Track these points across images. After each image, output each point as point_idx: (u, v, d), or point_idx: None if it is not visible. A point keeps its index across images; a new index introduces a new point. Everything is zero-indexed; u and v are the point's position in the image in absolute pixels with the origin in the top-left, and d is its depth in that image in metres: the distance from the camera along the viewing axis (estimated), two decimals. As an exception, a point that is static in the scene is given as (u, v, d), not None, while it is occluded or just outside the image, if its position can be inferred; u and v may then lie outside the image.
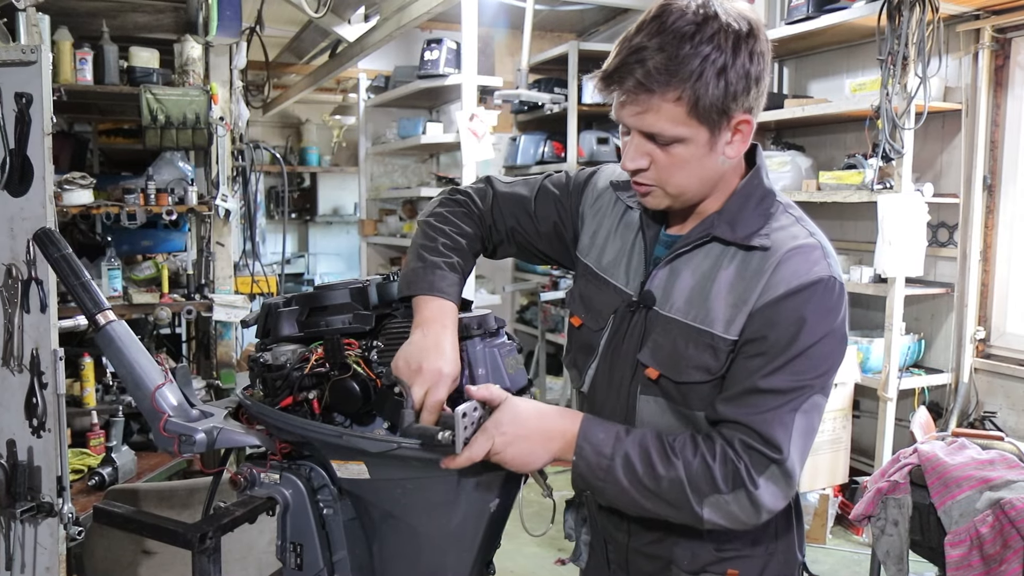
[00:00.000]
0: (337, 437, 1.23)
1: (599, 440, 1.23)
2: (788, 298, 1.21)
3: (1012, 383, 3.90)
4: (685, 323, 1.29)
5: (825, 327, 1.22)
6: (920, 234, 3.77)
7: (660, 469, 1.20)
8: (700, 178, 1.28)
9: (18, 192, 2.16)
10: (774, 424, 1.19)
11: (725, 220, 1.30)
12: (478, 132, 4.75)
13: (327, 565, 1.31)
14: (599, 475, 1.23)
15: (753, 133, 1.28)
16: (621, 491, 1.23)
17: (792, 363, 1.21)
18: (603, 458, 1.22)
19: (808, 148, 4.71)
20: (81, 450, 3.08)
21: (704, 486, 1.19)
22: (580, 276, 1.48)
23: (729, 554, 1.37)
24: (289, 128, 8.64)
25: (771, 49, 1.25)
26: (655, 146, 1.24)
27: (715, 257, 1.30)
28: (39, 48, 2.15)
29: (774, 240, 1.27)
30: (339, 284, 1.40)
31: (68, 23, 3.41)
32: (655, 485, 1.20)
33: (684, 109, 1.19)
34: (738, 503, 1.19)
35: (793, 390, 1.21)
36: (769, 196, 1.33)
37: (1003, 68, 3.93)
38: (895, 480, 2.78)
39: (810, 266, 1.23)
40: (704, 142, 1.23)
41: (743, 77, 1.20)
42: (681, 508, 1.21)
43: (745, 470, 1.19)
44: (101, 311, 1.37)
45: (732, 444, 1.20)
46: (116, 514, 1.33)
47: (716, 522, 1.21)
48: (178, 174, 3.77)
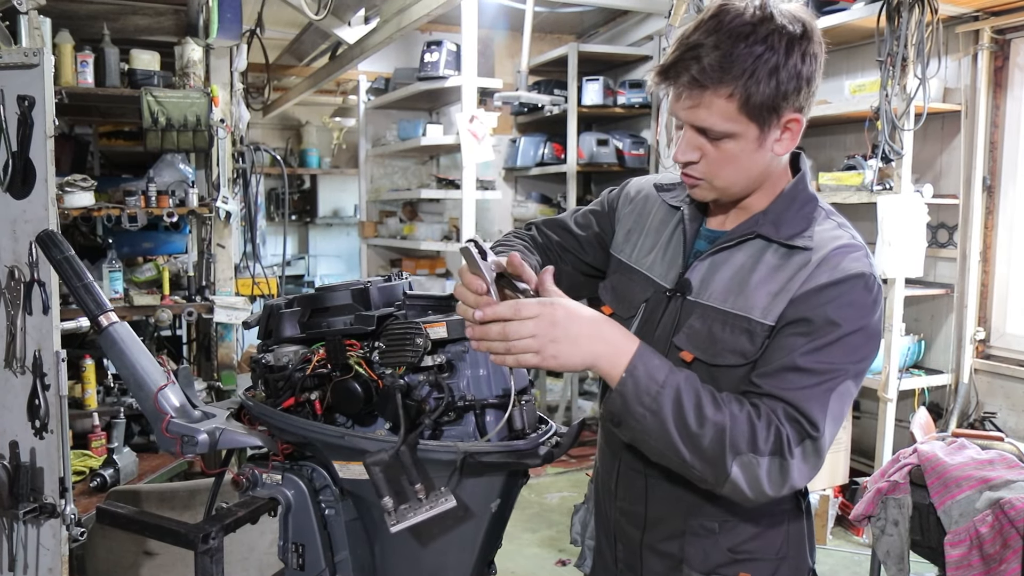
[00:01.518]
0: (339, 438, 1.23)
1: (654, 365, 1.19)
2: (831, 287, 1.24)
3: (1012, 384, 3.90)
4: (723, 309, 1.32)
5: (863, 320, 1.25)
6: (920, 235, 3.78)
7: (708, 412, 1.17)
8: (747, 174, 1.32)
9: (21, 194, 2.17)
10: (811, 401, 1.20)
11: (770, 220, 1.34)
12: (478, 134, 4.76)
13: (329, 565, 1.32)
14: (644, 400, 1.17)
15: (802, 132, 1.31)
16: (659, 424, 1.17)
17: (830, 347, 1.22)
18: (654, 383, 1.17)
19: (808, 149, 4.71)
20: (83, 451, 3.09)
21: (743, 443, 1.17)
22: (613, 271, 1.53)
23: (742, 556, 1.38)
24: (289, 130, 8.65)
25: (824, 51, 1.28)
26: (706, 140, 1.28)
27: (757, 251, 1.34)
28: (41, 51, 2.16)
29: (817, 241, 1.30)
30: (340, 285, 1.41)
31: (69, 26, 3.42)
32: (698, 427, 1.16)
33: (735, 105, 1.22)
34: (769, 469, 1.17)
35: (828, 371, 1.22)
36: (812, 201, 1.37)
37: (1002, 69, 3.93)
38: (895, 480, 2.79)
39: (853, 262, 1.27)
40: (754, 138, 1.26)
41: (794, 77, 1.23)
42: (712, 459, 1.17)
43: (786, 438, 1.18)
44: (103, 313, 1.37)
45: (775, 412, 1.20)
46: (119, 515, 1.33)
47: (737, 485, 1.17)
48: (179, 176, 3.77)
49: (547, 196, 6.65)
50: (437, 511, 1.18)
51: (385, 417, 1.25)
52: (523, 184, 6.88)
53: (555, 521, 4.30)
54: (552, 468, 4.93)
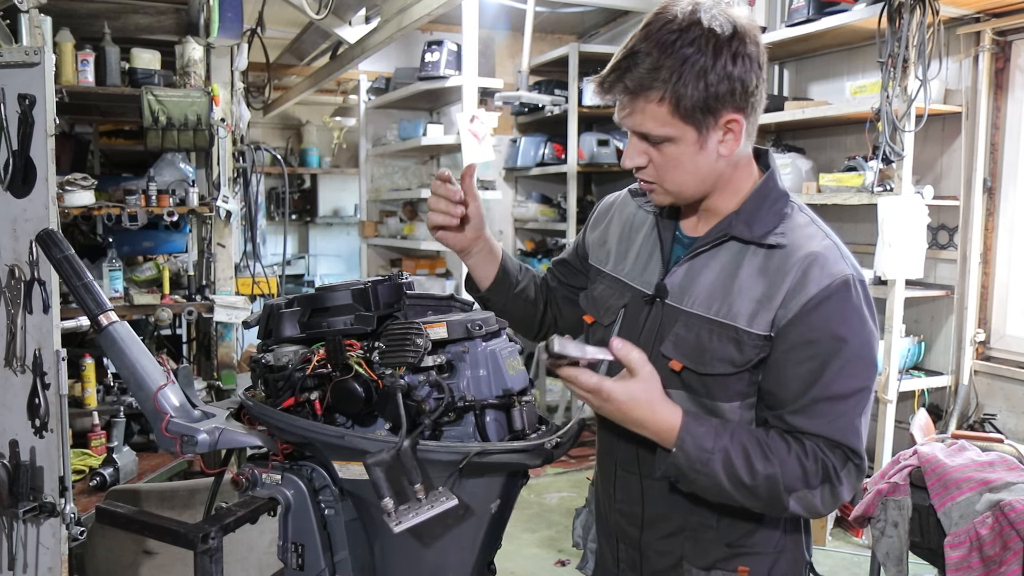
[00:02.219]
0: (339, 438, 1.23)
1: (700, 434, 1.26)
2: (825, 302, 1.27)
3: (1012, 385, 3.90)
4: (708, 317, 1.34)
5: (865, 327, 1.29)
6: (920, 236, 3.77)
7: (758, 466, 1.25)
8: (696, 176, 1.34)
9: (21, 193, 2.17)
10: (849, 432, 1.28)
11: (742, 220, 1.36)
12: (478, 134, 4.76)
13: (328, 565, 1.32)
14: (697, 467, 1.25)
15: (747, 133, 1.32)
16: (715, 483, 1.26)
17: (849, 365, 1.27)
18: (704, 452, 1.25)
19: (808, 150, 4.71)
20: (82, 451, 3.08)
21: (796, 483, 1.26)
22: (592, 280, 1.57)
23: (741, 551, 1.41)
24: (290, 129, 8.65)
25: (763, 51, 1.30)
26: (649, 145, 1.32)
27: (734, 255, 1.35)
28: (42, 50, 2.16)
29: (791, 239, 1.33)
30: (340, 285, 1.41)
31: (70, 25, 3.42)
32: (751, 480, 1.25)
33: (667, 109, 1.26)
34: (822, 497, 1.27)
35: (856, 392, 1.28)
36: (783, 197, 1.40)
37: (1003, 71, 3.93)
38: (895, 482, 2.79)
39: (835, 266, 1.30)
40: (693, 141, 1.29)
41: (725, 78, 1.25)
42: (769, 502, 1.27)
43: (832, 467, 1.26)
44: (103, 312, 1.37)
45: (819, 446, 1.28)
46: (119, 514, 1.33)
47: (796, 512, 1.28)
48: (179, 175, 3.77)
49: (547, 196, 6.65)
50: (438, 511, 1.18)
51: (385, 417, 1.25)
52: (523, 184, 6.88)
53: (555, 521, 4.30)
54: (552, 468, 4.93)
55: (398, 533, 1.18)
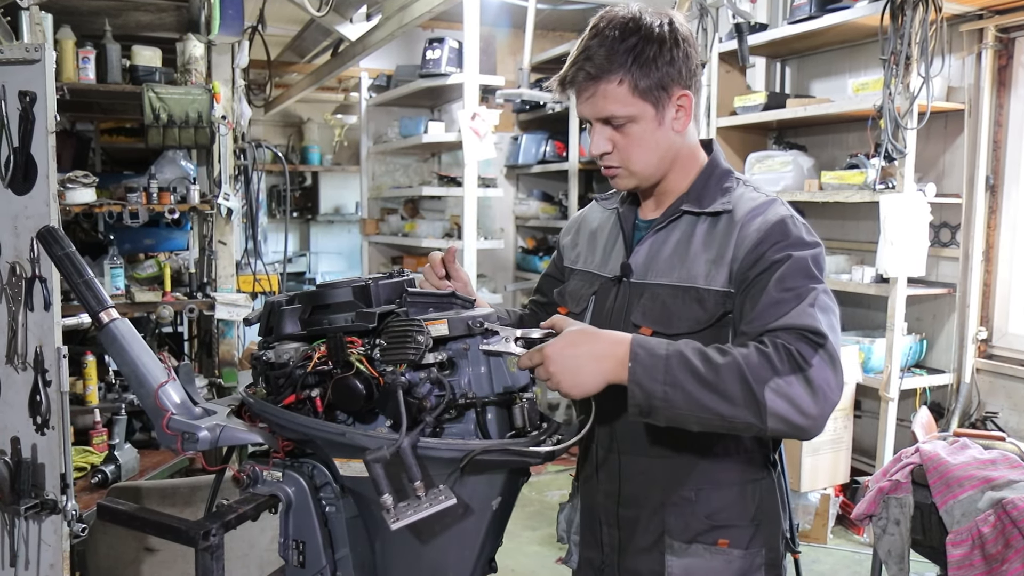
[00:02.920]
0: (340, 435, 1.23)
1: (652, 344, 1.27)
2: (763, 240, 1.40)
3: (1014, 383, 3.90)
4: (670, 284, 1.47)
5: (803, 245, 1.39)
6: (922, 234, 3.77)
7: (716, 358, 1.25)
8: (657, 153, 1.48)
9: (22, 190, 2.16)
10: (803, 316, 1.29)
11: (692, 197, 1.51)
12: (480, 131, 4.76)
13: (329, 563, 1.32)
14: (657, 376, 1.24)
15: (694, 108, 1.48)
16: (681, 392, 1.23)
17: (790, 275, 1.34)
18: (658, 358, 1.25)
19: (810, 148, 4.71)
20: (84, 448, 3.09)
21: (763, 371, 1.23)
22: (566, 279, 1.70)
23: (720, 523, 1.48)
24: (291, 127, 8.65)
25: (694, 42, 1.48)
26: (612, 130, 1.46)
27: (688, 226, 1.50)
28: (43, 47, 2.15)
29: (735, 204, 1.47)
30: (341, 282, 1.41)
31: (71, 22, 3.42)
32: (713, 376, 1.23)
33: (627, 89, 1.42)
34: (798, 384, 1.23)
35: (799, 291, 1.32)
36: (727, 174, 1.54)
37: (1006, 68, 3.92)
38: (897, 479, 2.78)
39: (770, 212, 1.43)
40: (652, 117, 1.44)
41: (674, 59, 1.43)
42: (742, 398, 1.23)
43: (797, 352, 1.25)
44: (104, 309, 1.37)
45: (777, 337, 1.27)
46: (120, 511, 1.33)
47: (778, 411, 1.23)
48: (180, 173, 3.77)
49: (549, 194, 6.65)
50: (436, 509, 1.18)
51: (386, 414, 1.25)
52: (525, 182, 6.88)
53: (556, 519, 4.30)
54: (553, 466, 4.93)
55: (398, 530, 1.18)
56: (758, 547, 1.50)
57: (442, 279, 1.65)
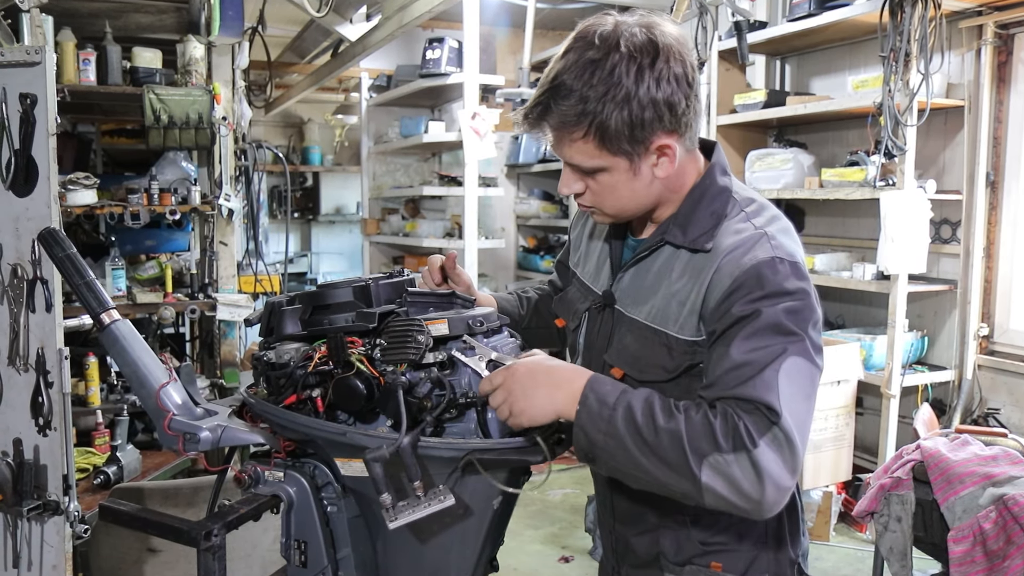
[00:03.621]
0: (341, 435, 1.24)
1: (605, 391, 1.19)
2: (736, 290, 1.22)
3: (1015, 380, 3.90)
4: (644, 323, 1.35)
5: (779, 296, 1.21)
6: (923, 231, 3.77)
7: (660, 420, 1.15)
8: (634, 199, 1.33)
9: (23, 192, 2.17)
10: (757, 386, 1.15)
11: (678, 224, 1.34)
12: (480, 131, 4.76)
13: (331, 562, 1.32)
14: (600, 426, 1.17)
15: (684, 149, 1.30)
16: (620, 446, 1.16)
17: (756, 335, 1.19)
18: (605, 407, 1.17)
19: (810, 145, 4.71)
20: (86, 449, 3.09)
21: (704, 444, 1.13)
22: (569, 280, 1.62)
23: (714, 547, 1.40)
24: (291, 127, 8.65)
25: (691, 65, 1.26)
26: (583, 174, 1.31)
27: (667, 259, 1.35)
28: (43, 49, 2.16)
29: (718, 242, 1.29)
30: (342, 283, 1.41)
31: (71, 24, 3.42)
32: (654, 438, 1.14)
33: (594, 144, 1.25)
34: (739, 464, 1.12)
35: (763, 355, 1.17)
36: (723, 194, 1.35)
37: (1006, 64, 3.92)
38: (898, 476, 2.78)
39: (750, 255, 1.24)
40: (625, 169, 1.28)
41: (649, 104, 1.22)
42: (679, 469, 1.13)
43: (744, 428, 1.12)
44: (106, 310, 1.37)
45: (728, 408, 1.16)
46: (122, 512, 1.34)
47: (715, 489, 1.12)
48: (181, 174, 3.77)
49: (549, 193, 6.65)
50: (434, 509, 1.18)
51: (387, 414, 1.25)
52: (525, 181, 6.88)
53: (558, 518, 4.30)
54: (555, 465, 4.92)
55: (399, 529, 1.19)
56: (759, 572, 1.41)
57: (439, 284, 1.59)
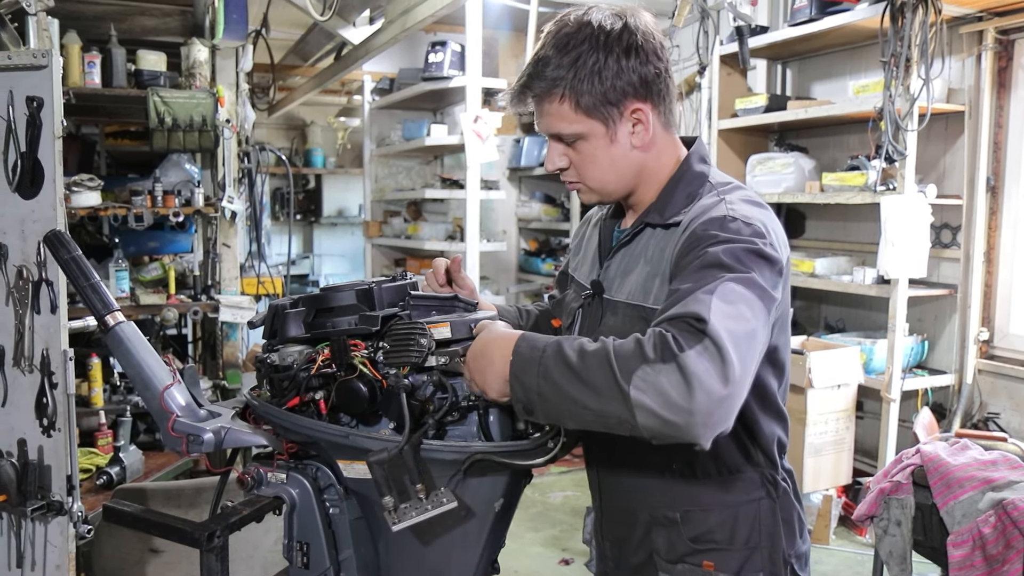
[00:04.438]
0: (343, 437, 1.25)
1: (535, 339, 1.19)
2: (684, 241, 1.30)
3: (1015, 384, 3.90)
4: (626, 302, 1.42)
5: (731, 241, 1.23)
6: (923, 235, 3.77)
7: (587, 347, 1.14)
8: (614, 170, 1.40)
9: (29, 194, 2.18)
10: (690, 303, 1.13)
11: (657, 208, 1.42)
12: (482, 134, 4.77)
13: (333, 564, 1.33)
14: (531, 368, 1.15)
15: (661, 122, 1.39)
16: (551, 384, 1.13)
17: (696, 272, 1.21)
18: (536, 350, 1.16)
19: (811, 150, 4.71)
20: (89, 449, 3.10)
21: (631, 360, 1.09)
22: (569, 284, 1.66)
23: (705, 546, 1.41)
24: (294, 130, 8.66)
25: (660, 42, 1.37)
26: (566, 146, 1.39)
27: (646, 239, 1.43)
28: (49, 53, 2.17)
29: (689, 216, 1.35)
30: (345, 286, 1.42)
31: (76, 27, 3.44)
32: (581, 364, 1.12)
33: (570, 107, 1.34)
34: (666, 374, 1.06)
35: (703, 279, 1.18)
36: (699, 179, 1.42)
37: (1006, 70, 3.93)
38: (898, 480, 2.79)
39: (707, 215, 1.30)
40: (602, 134, 1.36)
41: (622, 71, 1.32)
42: (609, 391, 1.09)
43: (672, 338, 1.09)
44: (110, 312, 1.38)
45: (659, 327, 1.13)
46: (125, 513, 1.35)
47: (645, 404, 1.07)
48: (184, 176, 3.79)
49: (551, 196, 6.66)
50: (437, 511, 1.19)
51: (389, 417, 1.26)
52: (527, 184, 6.89)
53: (559, 520, 4.31)
54: (556, 467, 4.93)
55: (401, 531, 1.19)
56: (753, 572, 1.40)
57: (443, 286, 1.60)
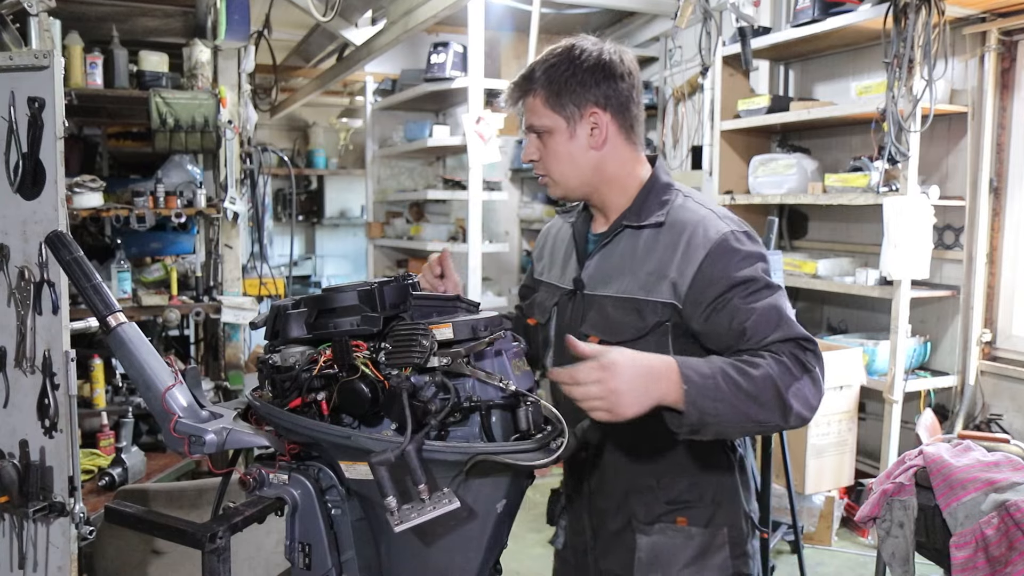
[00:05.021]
0: (345, 438, 1.24)
1: (697, 365, 1.38)
2: (714, 259, 1.51)
3: (1018, 386, 3.89)
4: (614, 296, 1.59)
5: (755, 259, 1.53)
6: (926, 236, 3.77)
7: (751, 371, 1.39)
8: (573, 164, 1.62)
9: (31, 195, 2.18)
10: (791, 327, 1.46)
11: (633, 212, 1.63)
12: (484, 135, 4.77)
13: (335, 565, 1.33)
14: (709, 393, 1.35)
15: (620, 132, 1.61)
16: (727, 404, 1.36)
17: (755, 292, 1.49)
18: (707, 378, 1.36)
19: (814, 151, 4.71)
20: (91, 451, 3.10)
21: (786, 377, 1.40)
22: (536, 290, 1.83)
23: (679, 505, 1.63)
24: (296, 131, 8.67)
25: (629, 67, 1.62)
26: (538, 140, 1.64)
27: (629, 240, 1.62)
28: (51, 53, 2.16)
29: (671, 217, 1.59)
30: (347, 286, 1.42)
31: (79, 27, 3.45)
32: (752, 386, 1.37)
33: (541, 101, 1.61)
34: (808, 385, 1.42)
35: (772, 304, 1.48)
36: (667, 188, 1.65)
37: (1009, 71, 3.92)
38: (900, 482, 2.78)
39: (710, 229, 1.55)
40: (564, 129, 1.60)
41: (585, 80, 1.58)
42: (777, 403, 1.39)
43: (800, 359, 1.43)
44: (112, 313, 1.38)
45: (781, 349, 1.44)
46: (127, 514, 1.34)
47: (798, 410, 1.40)
48: (187, 177, 3.79)
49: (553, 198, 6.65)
50: (440, 512, 1.19)
51: (391, 418, 1.26)
52: (529, 185, 6.89)
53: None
54: (557, 468, 4.91)
55: (403, 533, 1.19)
56: (719, 526, 1.63)
57: (438, 277, 1.80)
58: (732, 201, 4.72)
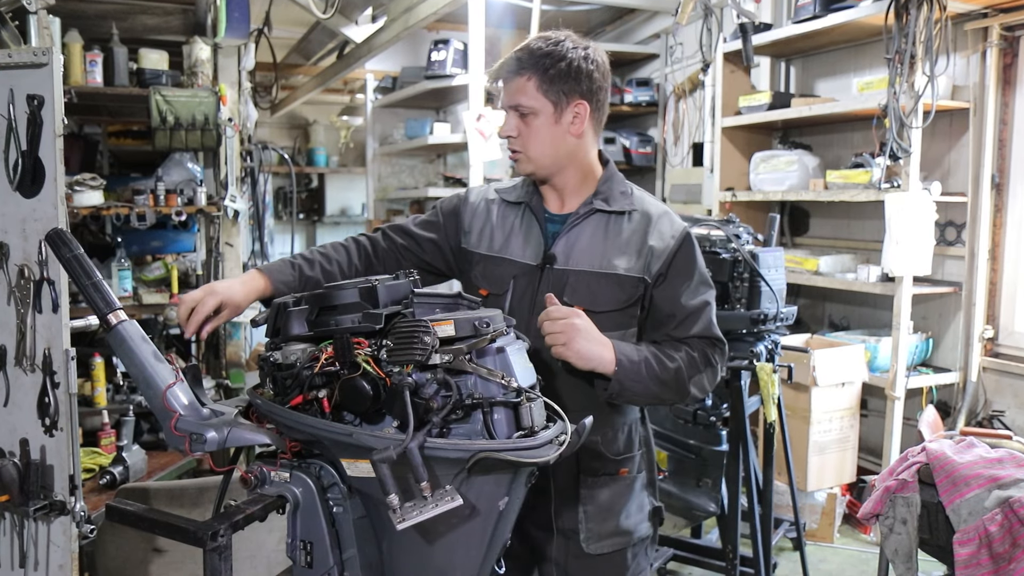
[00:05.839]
0: (347, 436, 1.24)
1: (629, 352, 1.69)
2: (680, 248, 1.80)
3: (1020, 382, 3.89)
4: (594, 271, 1.77)
5: (700, 258, 1.85)
6: (928, 233, 3.76)
7: (668, 363, 1.72)
8: (551, 147, 1.77)
9: (30, 193, 2.17)
10: (711, 327, 1.81)
11: (601, 198, 1.83)
12: (485, 132, 4.76)
13: (337, 563, 1.33)
14: (632, 376, 1.67)
15: (593, 123, 1.79)
16: (645, 387, 1.69)
17: (699, 287, 1.81)
18: (635, 364, 1.68)
19: (815, 147, 4.70)
20: (92, 449, 3.10)
21: (692, 369, 1.75)
22: (476, 263, 1.89)
23: (621, 458, 1.86)
24: (297, 129, 8.67)
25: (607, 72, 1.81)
26: (520, 119, 1.76)
27: (601, 223, 1.81)
28: (50, 51, 2.16)
29: (639, 206, 1.83)
30: (348, 284, 1.41)
31: (78, 25, 3.44)
32: (665, 375, 1.71)
33: (534, 85, 1.73)
34: (708, 376, 1.78)
35: (704, 297, 1.81)
36: (623, 181, 1.89)
37: (1011, 66, 3.91)
38: (903, 478, 2.78)
39: (675, 222, 1.84)
40: (550, 114, 1.75)
41: (576, 72, 1.74)
42: (679, 389, 1.74)
43: (707, 355, 1.79)
44: (112, 311, 1.38)
45: (695, 344, 1.79)
46: (128, 512, 1.34)
47: (694, 394, 1.78)
48: (187, 175, 3.79)
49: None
50: (442, 510, 1.18)
51: (393, 415, 1.26)
52: (530, 182, 6.88)
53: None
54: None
55: (405, 530, 1.19)
56: (643, 469, 1.91)
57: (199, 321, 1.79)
58: (733, 198, 4.71)
